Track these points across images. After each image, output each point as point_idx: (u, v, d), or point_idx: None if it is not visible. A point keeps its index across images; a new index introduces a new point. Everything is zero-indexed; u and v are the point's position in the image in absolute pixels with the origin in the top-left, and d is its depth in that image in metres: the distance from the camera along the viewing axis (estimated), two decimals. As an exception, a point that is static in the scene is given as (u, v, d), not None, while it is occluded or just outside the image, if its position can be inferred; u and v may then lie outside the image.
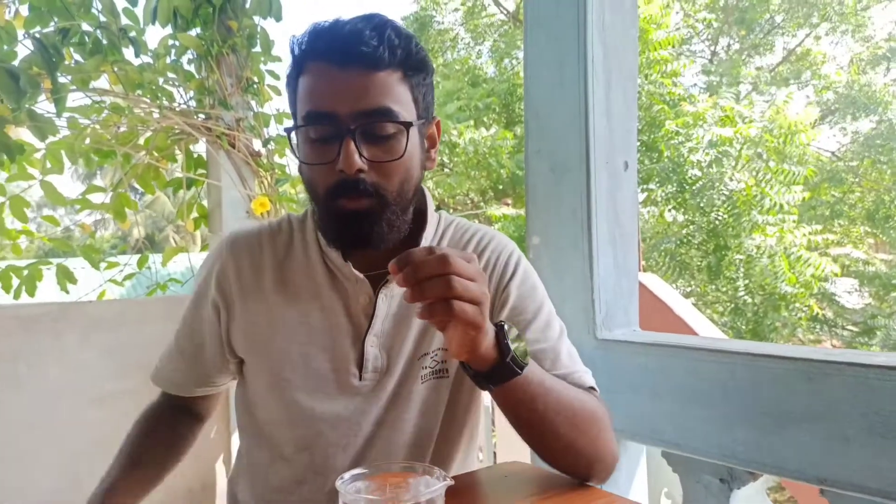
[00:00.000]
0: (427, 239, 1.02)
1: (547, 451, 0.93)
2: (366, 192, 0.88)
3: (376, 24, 0.88)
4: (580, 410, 0.92)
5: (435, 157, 1.02)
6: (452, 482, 0.65)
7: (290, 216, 1.09)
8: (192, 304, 1.08)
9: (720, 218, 8.04)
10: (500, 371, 0.81)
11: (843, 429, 0.97)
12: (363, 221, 0.89)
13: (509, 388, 0.83)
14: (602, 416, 0.95)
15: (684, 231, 8.73)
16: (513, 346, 0.80)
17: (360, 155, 0.87)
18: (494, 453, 2.32)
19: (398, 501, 0.62)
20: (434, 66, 1.06)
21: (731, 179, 8.04)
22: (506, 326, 0.81)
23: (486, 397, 2.20)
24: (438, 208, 1.13)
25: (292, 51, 0.92)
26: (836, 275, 7.75)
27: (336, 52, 0.87)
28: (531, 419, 0.88)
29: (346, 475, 0.65)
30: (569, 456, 0.92)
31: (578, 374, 1.01)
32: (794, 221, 7.89)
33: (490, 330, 0.79)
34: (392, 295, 0.99)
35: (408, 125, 0.89)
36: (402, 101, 0.90)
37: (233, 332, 1.04)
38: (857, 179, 11.47)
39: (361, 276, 0.97)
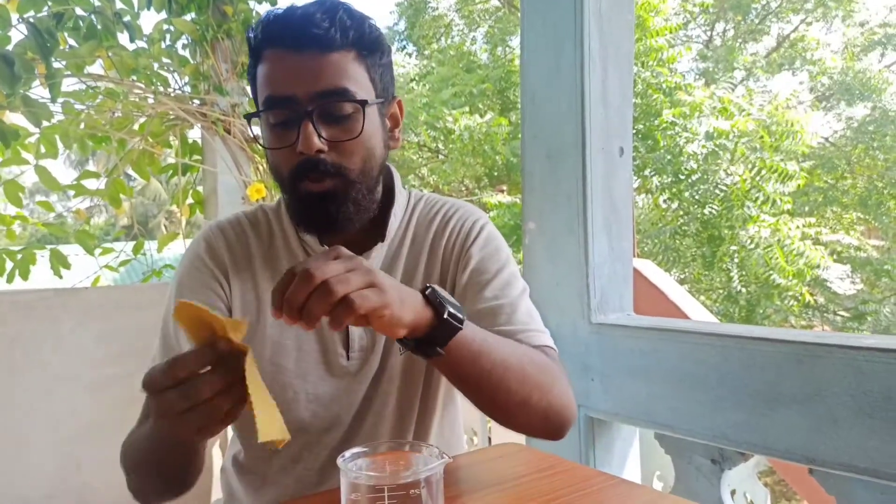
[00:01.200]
0: (396, 216, 1.04)
1: (500, 411, 0.92)
2: (327, 173, 0.89)
3: (328, 7, 0.89)
4: (529, 364, 0.90)
5: (399, 137, 1.03)
6: (451, 459, 0.66)
7: (263, 206, 1.10)
8: (189, 290, 1.00)
9: (715, 210, 8.06)
10: (441, 330, 0.79)
11: (833, 410, 0.99)
12: (329, 203, 0.91)
13: (454, 348, 0.80)
14: (553, 369, 0.94)
15: (679, 222, 8.76)
16: (447, 305, 0.79)
17: (319, 136, 0.88)
18: (489, 438, 2.34)
19: (398, 478, 0.63)
20: (391, 46, 1.06)
21: (728, 174, 8.06)
22: (434, 287, 0.80)
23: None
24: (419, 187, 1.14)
25: (249, 41, 0.94)
26: (826, 264, 7.78)
27: (289, 37, 0.88)
28: (479, 378, 0.86)
29: (347, 453, 0.67)
30: (522, 413, 0.91)
31: (532, 332, 0.99)
32: (788, 212, 7.92)
33: (410, 295, 0.77)
34: None
35: (363, 103, 0.90)
36: (358, 81, 0.91)
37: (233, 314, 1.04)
38: (849, 166, 11.50)
39: None
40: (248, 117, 0.94)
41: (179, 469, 0.90)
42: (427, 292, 0.79)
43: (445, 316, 0.78)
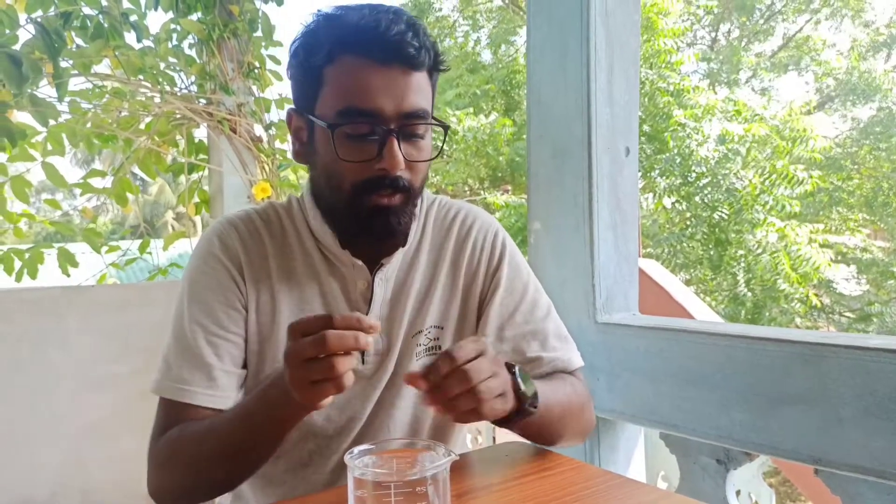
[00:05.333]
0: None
1: (545, 443, 1.02)
2: (402, 189, 0.91)
3: (408, 22, 0.90)
4: (576, 404, 1.01)
5: None
6: (457, 457, 0.66)
7: (272, 204, 1.08)
8: (205, 288, 0.98)
9: (724, 214, 8.05)
10: (517, 415, 0.85)
11: (838, 410, 0.99)
12: (391, 216, 0.92)
13: (525, 422, 0.88)
14: (587, 399, 1.05)
15: (686, 224, 8.74)
16: (527, 390, 0.85)
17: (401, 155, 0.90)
18: (493, 437, 2.34)
19: (405, 476, 0.63)
20: None
21: (738, 178, 8.05)
22: (517, 371, 0.85)
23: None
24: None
25: (316, 36, 0.91)
26: (831, 264, 7.75)
27: (380, 49, 0.87)
28: (538, 433, 0.97)
29: (355, 450, 0.67)
30: (560, 441, 1.01)
31: (568, 358, 1.08)
32: (795, 215, 7.90)
33: (507, 382, 0.83)
34: (387, 278, 1.02)
35: (446, 128, 0.95)
36: (429, 101, 0.94)
37: (248, 318, 1.00)
38: (856, 167, 11.46)
39: (360, 262, 0.98)
40: (333, 128, 0.88)
41: (258, 457, 0.90)
42: (512, 376, 0.84)
43: (525, 405, 0.85)
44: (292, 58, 0.96)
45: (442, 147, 0.96)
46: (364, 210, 0.92)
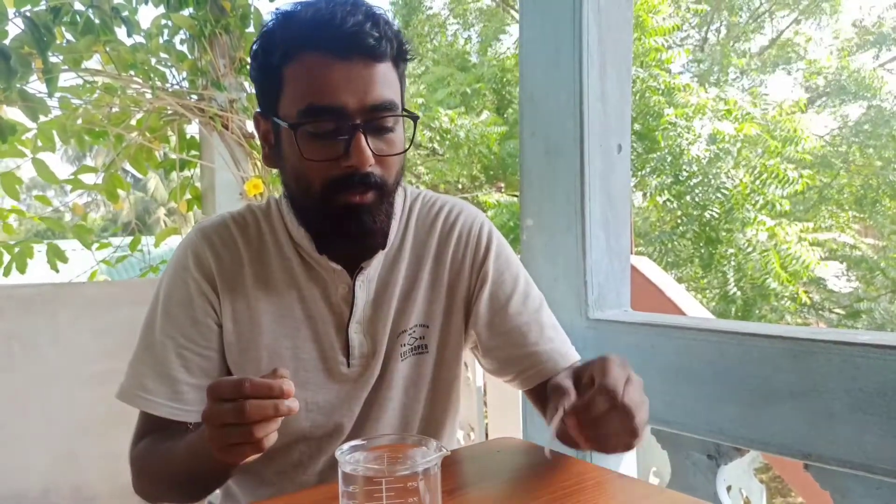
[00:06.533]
0: (395, 214, 1.02)
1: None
2: (374, 186, 0.88)
3: (368, 13, 0.87)
4: None
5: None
6: (448, 452, 0.66)
7: (251, 206, 1.05)
8: (177, 304, 0.97)
9: (714, 213, 8.08)
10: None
11: (828, 405, 0.99)
12: (365, 214, 0.89)
13: None
14: None
15: (677, 223, 8.77)
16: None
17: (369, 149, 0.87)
18: (486, 433, 2.35)
19: (395, 471, 0.63)
20: (421, 52, 1.06)
21: (728, 177, 8.07)
22: None
23: (476, 377, 2.22)
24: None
25: (272, 36, 0.89)
26: (820, 262, 7.79)
27: (339, 43, 0.84)
28: None
29: (345, 446, 0.67)
30: None
31: (565, 351, 1.05)
32: (785, 213, 7.94)
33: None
34: (369, 280, 1.00)
35: (415, 118, 0.91)
36: (396, 92, 0.90)
37: (224, 330, 0.98)
38: (845, 164, 11.51)
39: (339, 267, 0.97)
40: (295, 128, 0.86)
41: (207, 487, 0.93)
42: None
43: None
44: (252, 60, 0.93)
45: (412, 139, 0.92)
46: (336, 210, 0.88)
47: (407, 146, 0.92)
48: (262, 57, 0.90)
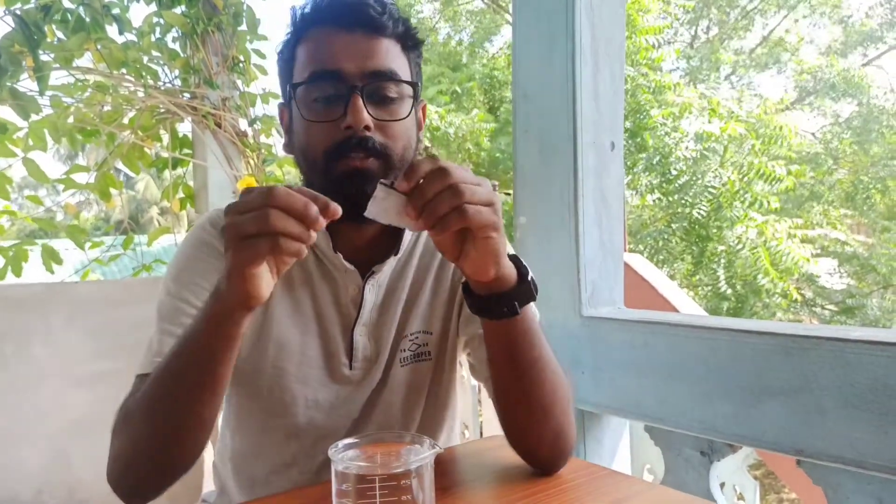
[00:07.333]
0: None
1: (525, 413, 0.88)
2: (374, 151, 0.87)
3: None
4: (560, 373, 0.88)
5: (422, 139, 1.02)
6: (442, 450, 0.66)
7: None
8: (195, 273, 0.93)
9: (703, 211, 8.10)
10: (521, 293, 0.80)
11: (820, 401, 1.00)
12: (366, 182, 0.85)
13: (521, 318, 0.81)
14: (570, 394, 0.92)
15: (667, 221, 8.80)
16: (529, 271, 0.81)
17: (368, 113, 0.87)
18: (481, 432, 2.35)
19: (389, 469, 0.63)
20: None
21: (716, 176, 8.09)
22: (516, 255, 0.83)
23: (471, 376, 2.22)
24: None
25: (294, 21, 0.93)
26: (810, 259, 7.82)
27: (341, 15, 0.88)
28: (527, 363, 0.84)
29: (339, 444, 0.67)
30: (542, 423, 0.88)
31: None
32: (775, 210, 7.95)
33: (506, 242, 0.78)
34: (379, 284, 1.00)
35: (415, 86, 0.92)
36: (401, 67, 0.92)
37: None
38: (836, 162, 11.56)
39: (351, 266, 0.97)
40: (294, 87, 0.89)
41: (198, 409, 0.80)
42: (510, 255, 0.80)
43: (529, 278, 0.80)
44: (278, 56, 0.97)
45: (413, 107, 0.92)
46: (339, 174, 0.88)
47: (405, 115, 0.91)
48: (282, 47, 0.95)
